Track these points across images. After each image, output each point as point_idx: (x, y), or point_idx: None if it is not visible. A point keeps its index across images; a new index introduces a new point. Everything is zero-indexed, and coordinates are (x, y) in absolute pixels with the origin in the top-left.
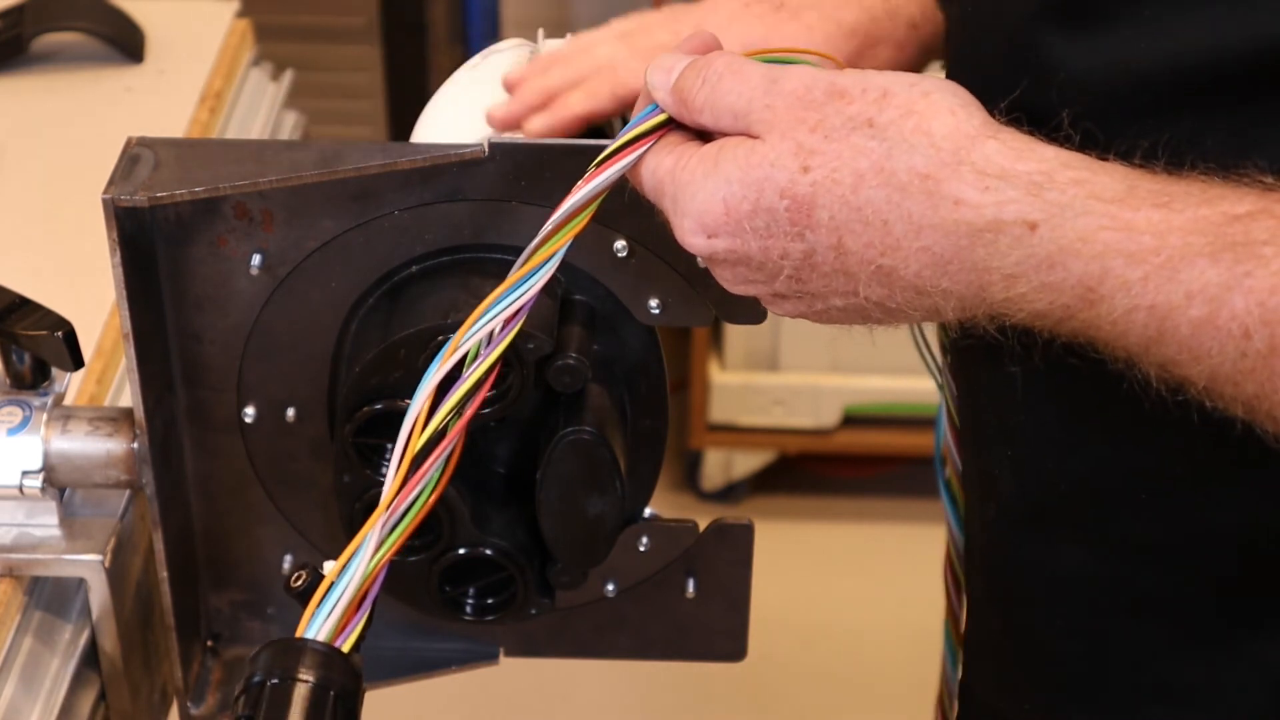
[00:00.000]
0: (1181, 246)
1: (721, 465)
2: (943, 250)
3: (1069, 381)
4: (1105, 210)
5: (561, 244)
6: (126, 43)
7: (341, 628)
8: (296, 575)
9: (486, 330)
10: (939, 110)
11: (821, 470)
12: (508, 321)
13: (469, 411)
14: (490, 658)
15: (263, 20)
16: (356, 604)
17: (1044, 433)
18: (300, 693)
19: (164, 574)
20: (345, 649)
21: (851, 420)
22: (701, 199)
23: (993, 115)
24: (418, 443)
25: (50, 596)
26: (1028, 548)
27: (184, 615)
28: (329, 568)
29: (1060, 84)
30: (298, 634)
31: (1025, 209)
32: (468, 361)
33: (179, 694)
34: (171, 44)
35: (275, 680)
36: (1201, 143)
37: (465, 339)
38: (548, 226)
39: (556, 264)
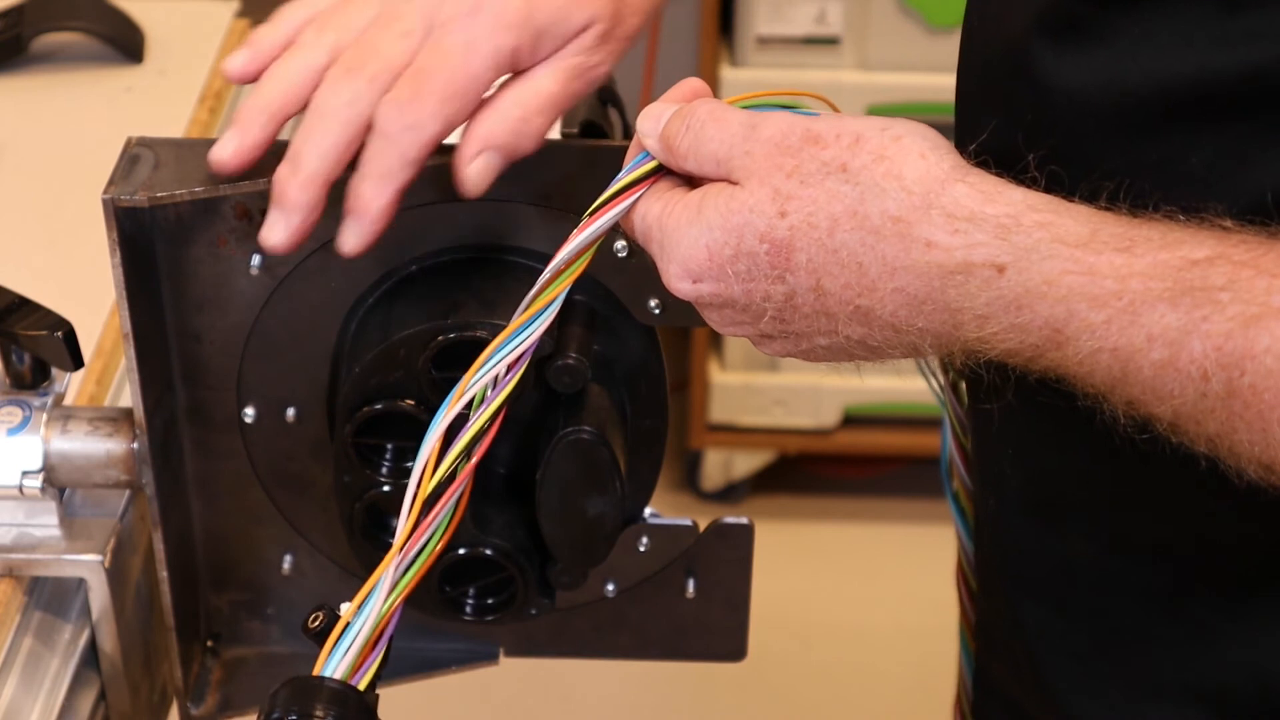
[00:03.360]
0: (1142, 291)
1: (721, 465)
2: (916, 291)
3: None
4: (1070, 254)
5: (561, 289)
6: (126, 43)
7: (357, 667)
8: (314, 616)
9: (492, 375)
10: (909, 154)
11: (821, 470)
12: (511, 366)
13: (477, 454)
14: (490, 658)
15: (263, 20)
16: (372, 644)
17: (1044, 430)
18: None
19: (164, 574)
20: (361, 687)
21: (851, 420)
22: (686, 245)
23: (964, 156)
24: (428, 486)
25: (50, 596)
26: (1033, 540)
27: (184, 615)
28: (345, 609)
29: (1053, 98)
30: (314, 672)
31: (993, 252)
32: (474, 405)
33: (179, 694)
34: (171, 44)
35: (293, 717)
36: (1187, 160)
37: (471, 384)
38: (546, 274)
39: (557, 309)
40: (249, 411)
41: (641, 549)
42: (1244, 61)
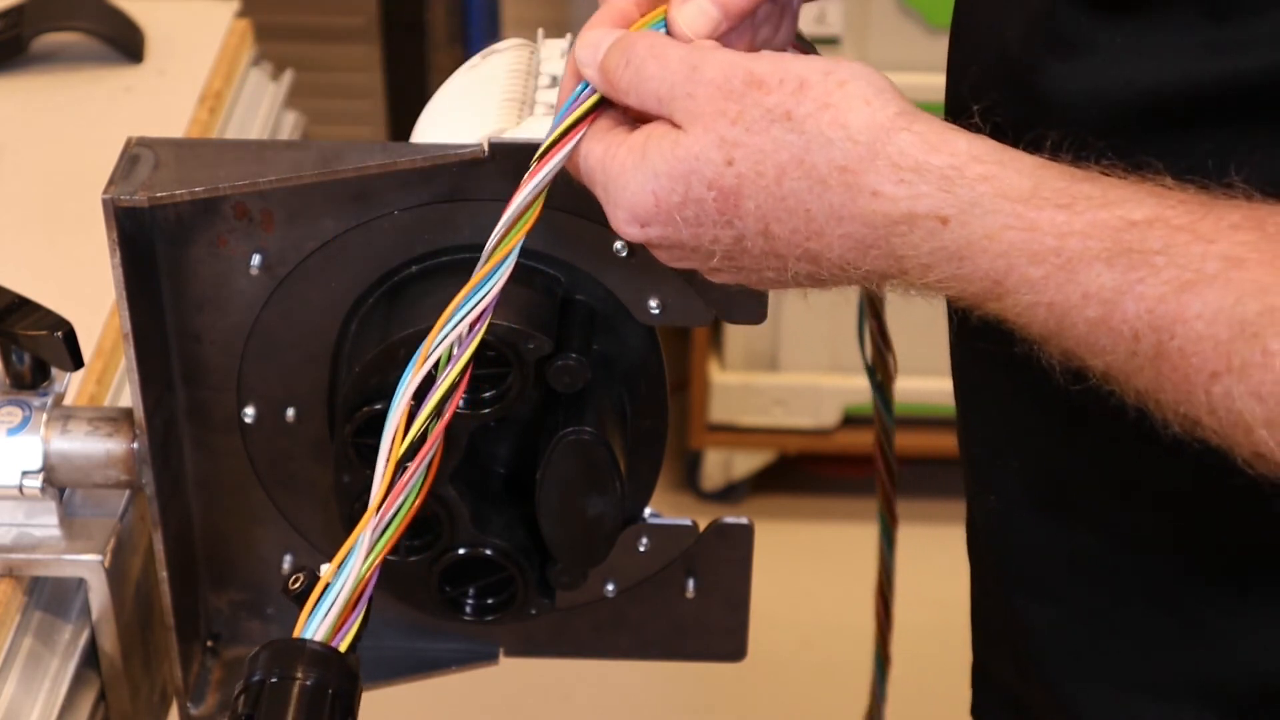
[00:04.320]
0: (1080, 249)
1: (721, 465)
2: (863, 237)
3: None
4: (1011, 209)
5: (515, 241)
6: (126, 43)
7: (338, 628)
8: (294, 578)
9: (455, 334)
10: (854, 101)
11: (821, 470)
12: (474, 324)
13: (447, 414)
14: (490, 658)
15: (263, 20)
16: (352, 604)
17: (1051, 424)
18: (298, 691)
19: (164, 574)
20: (342, 648)
21: (851, 420)
22: (632, 190)
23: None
24: (399, 449)
25: (50, 596)
26: (1036, 536)
27: (184, 615)
28: (325, 570)
29: (1045, 106)
30: (295, 634)
31: (937, 204)
32: (440, 365)
33: (179, 694)
34: (171, 44)
35: (274, 679)
36: (1178, 166)
37: (435, 345)
38: (500, 226)
39: (513, 262)
40: (249, 411)
41: (641, 549)
42: (1231, 69)
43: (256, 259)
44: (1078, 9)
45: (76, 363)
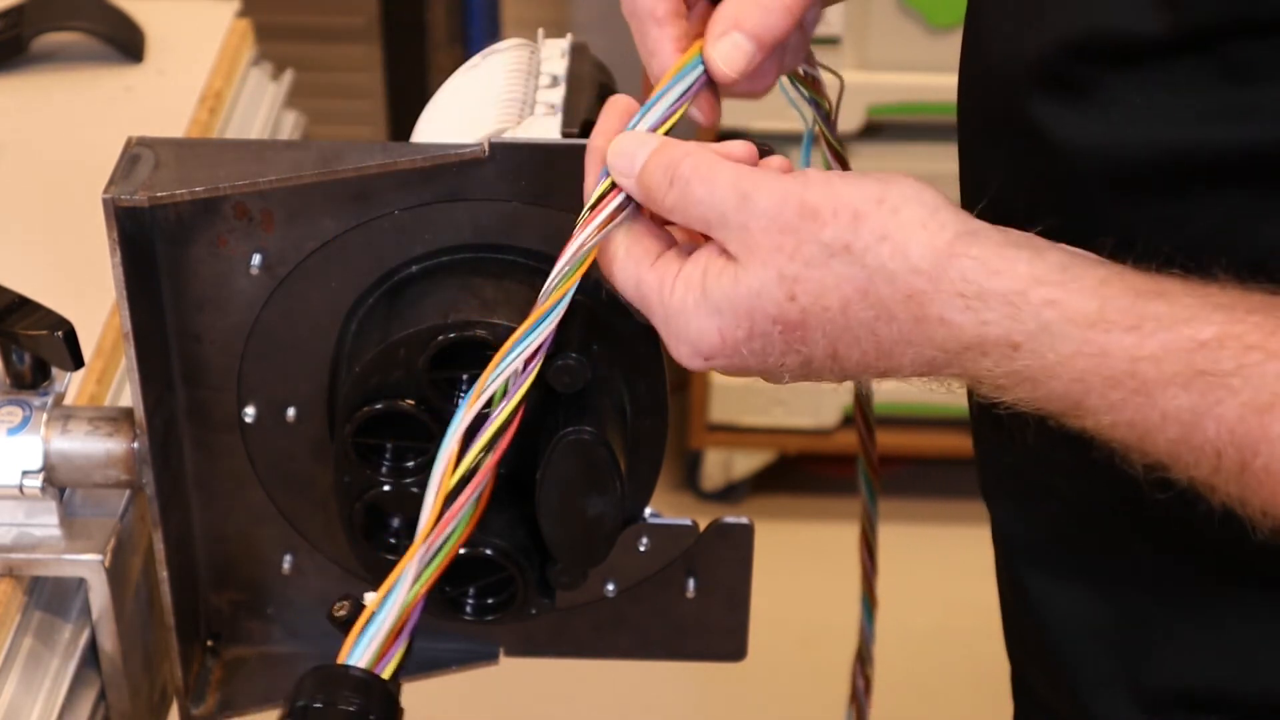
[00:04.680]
0: (1155, 374)
1: (721, 465)
2: (934, 359)
3: None
4: (1080, 335)
5: (572, 283)
6: (126, 43)
7: (381, 656)
8: (339, 605)
9: (511, 370)
10: (911, 229)
11: (821, 470)
12: (528, 360)
13: (500, 448)
14: (490, 658)
15: (263, 20)
16: (396, 633)
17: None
18: (341, 717)
19: (164, 574)
20: (385, 676)
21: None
22: (695, 327)
23: (964, 211)
24: (450, 482)
25: (50, 596)
26: (1074, 553)
27: (184, 615)
28: (369, 599)
29: (1056, 155)
30: (339, 660)
31: (1006, 330)
32: (495, 400)
33: (179, 694)
34: (171, 44)
35: (318, 704)
36: (1193, 221)
37: (490, 380)
38: (561, 264)
39: (567, 303)
40: (249, 411)
41: (641, 549)
42: (1248, 136)
43: (256, 259)
44: (1089, 58)
45: (77, 362)
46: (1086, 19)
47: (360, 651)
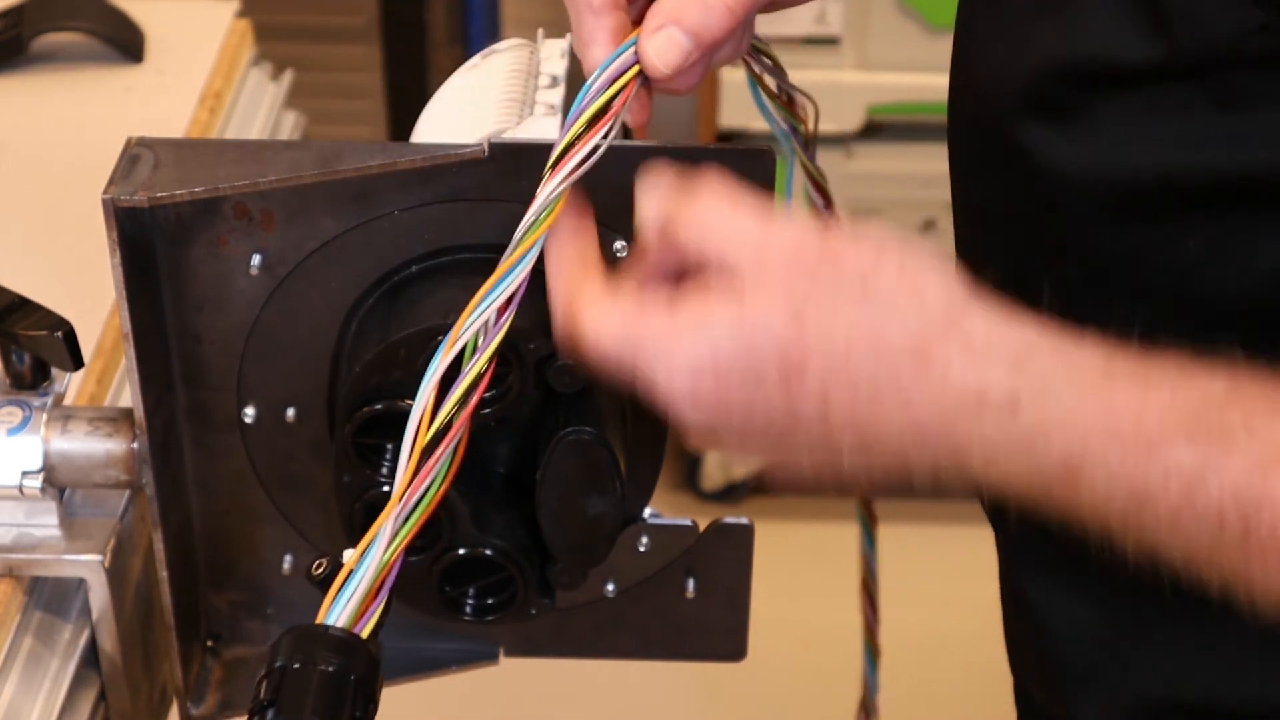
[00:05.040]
0: (1159, 428)
1: (721, 465)
2: (924, 420)
3: None
4: (1086, 388)
5: (543, 229)
6: (126, 43)
7: (360, 615)
8: (317, 564)
9: (482, 321)
10: (929, 273)
11: None
12: (501, 310)
13: (472, 402)
14: (490, 658)
15: (263, 20)
16: (374, 592)
17: None
18: (320, 677)
19: (164, 574)
20: (364, 635)
21: None
22: (687, 354)
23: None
24: (425, 436)
25: (50, 596)
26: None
27: (184, 615)
28: (347, 557)
29: (1045, 177)
30: (317, 620)
31: (1011, 383)
32: (466, 355)
33: (179, 694)
34: (171, 44)
35: (297, 665)
36: (1185, 243)
37: (463, 332)
38: (531, 213)
39: (538, 250)
40: (249, 411)
41: (641, 549)
42: (1238, 161)
43: (256, 259)
44: (1078, 83)
45: (77, 363)
46: (1076, 44)
47: (339, 610)
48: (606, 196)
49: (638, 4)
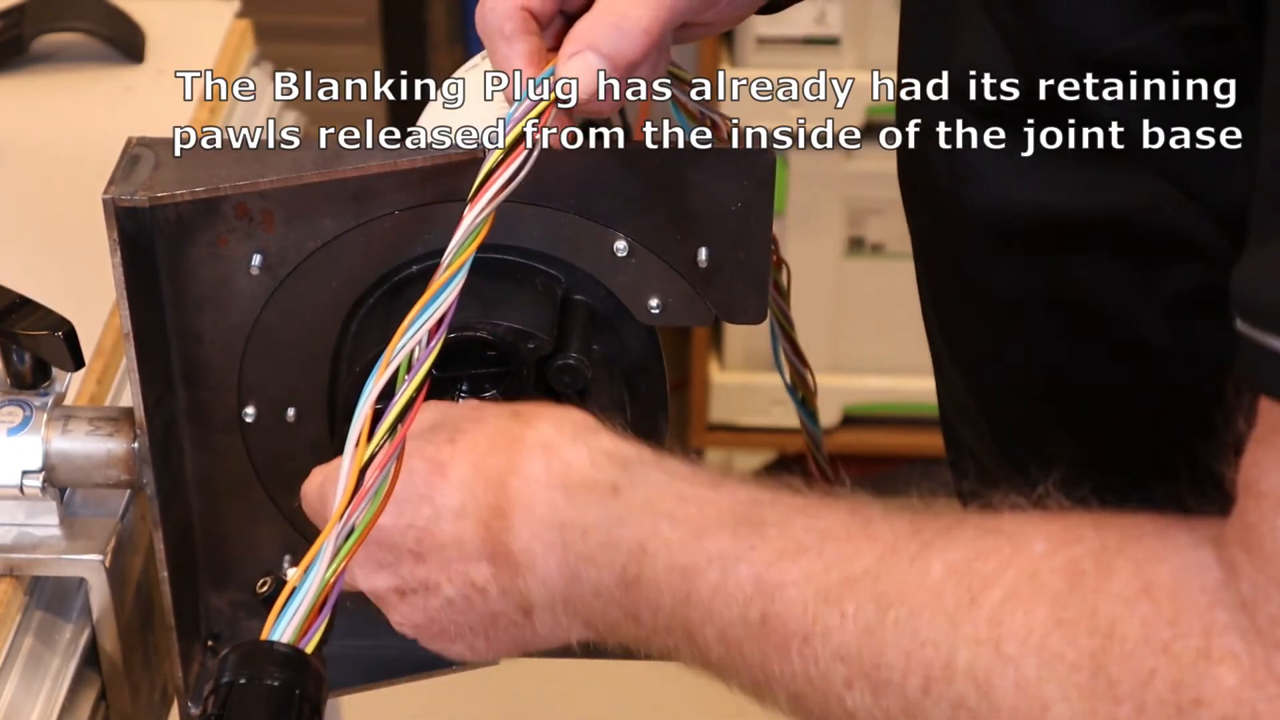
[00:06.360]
0: (715, 518)
1: (721, 465)
2: (544, 513)
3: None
4: (669, 483)
5: (469, 252)
6: (126, 43)
7: (304, 631)
8: (262, 582)
9: (415, 341)
10: (572, 412)
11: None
12: (433, 332)
13: (408, 421)
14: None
15: (263, 20)
16: (318, 608)
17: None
18: (267, 693)
19: (164, 574)
20: (308, 650)
21: (851, 420)
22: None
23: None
24: (362, 456)
25: (50, 596)
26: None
27: (184, 615)
28: (291, 574)
29: (950, 207)
30: (262, 637)
31: (614, 476)
32: (400, 375)
33: (179, 694)
34: (171, 44)
35: (243, 680)
36: (1076, 278)
37: (396, 353)
38: (456, 240)
39: (466, 273)
40: (249, 411)
41: None
42: (1102, 205)
43: (257, 259)
44: (960, 112)
45: (77, 363)
46: (954, 73)
47: (283, 626)
48: (607, 197)
49: (553, 28)
